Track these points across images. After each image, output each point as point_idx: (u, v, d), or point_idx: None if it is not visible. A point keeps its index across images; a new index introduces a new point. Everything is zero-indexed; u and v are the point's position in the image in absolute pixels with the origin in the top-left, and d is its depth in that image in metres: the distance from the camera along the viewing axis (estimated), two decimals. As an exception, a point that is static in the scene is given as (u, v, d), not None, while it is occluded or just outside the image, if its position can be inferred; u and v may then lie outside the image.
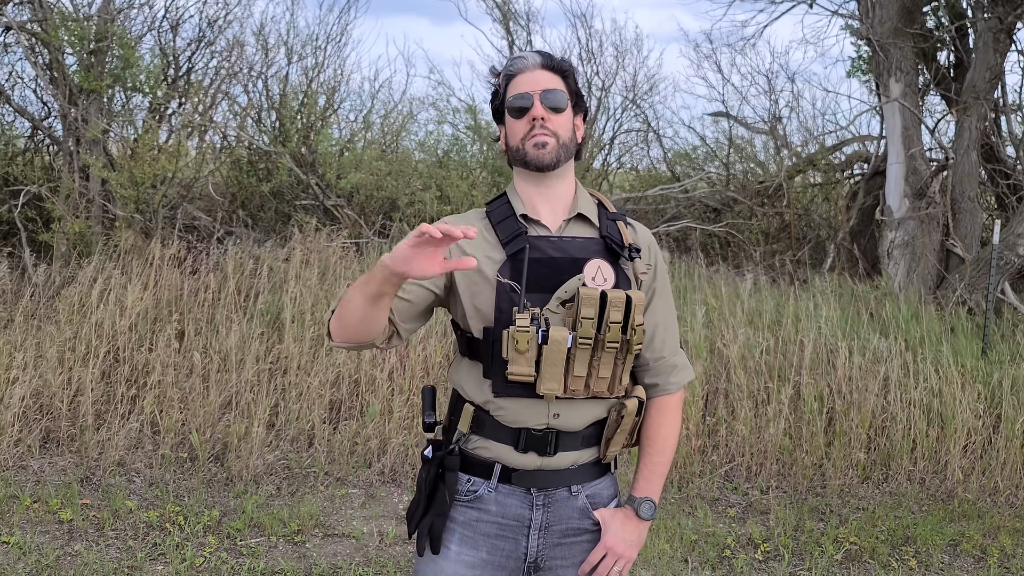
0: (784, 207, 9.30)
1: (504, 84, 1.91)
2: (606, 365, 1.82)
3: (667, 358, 1.94)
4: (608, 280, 1.84)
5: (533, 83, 1.87)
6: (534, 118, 1.85)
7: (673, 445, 1.97)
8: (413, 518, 1.94)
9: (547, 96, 1.85)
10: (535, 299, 1.82)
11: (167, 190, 6.73)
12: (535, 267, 1.83)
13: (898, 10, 8.33)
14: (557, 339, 1.76)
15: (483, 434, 1.88)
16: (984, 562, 4.17)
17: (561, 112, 1.87)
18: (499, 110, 1.94)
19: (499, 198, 1.96)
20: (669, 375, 1.94)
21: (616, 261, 1.87)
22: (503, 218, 1.89)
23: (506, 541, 1.90)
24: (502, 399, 1.85)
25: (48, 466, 4.47)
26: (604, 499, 1.95)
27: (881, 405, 5.22)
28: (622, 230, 1.91)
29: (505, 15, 9.43)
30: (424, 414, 1.97)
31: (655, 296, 1.94)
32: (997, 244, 6.46)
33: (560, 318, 1.82)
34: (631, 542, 1.92)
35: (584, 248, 1.86)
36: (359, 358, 5.15)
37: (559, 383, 1.79)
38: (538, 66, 1.89)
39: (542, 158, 1.85)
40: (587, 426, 1.89)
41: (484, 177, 8.63)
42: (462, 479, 1.90)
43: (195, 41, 7.86)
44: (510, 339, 1.77)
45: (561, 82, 1.89)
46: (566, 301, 1.82)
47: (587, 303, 1.77)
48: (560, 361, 1.77)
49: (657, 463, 1.95)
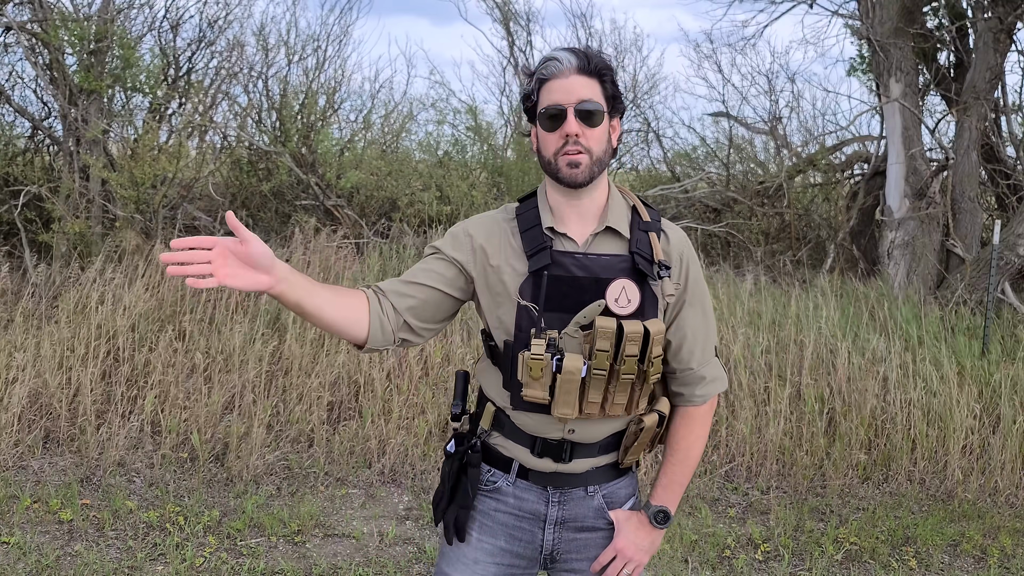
0: (784, 207, 9.30)
1: (536, 88, 1.80)
2: (622, 392, 1.79)
3: (695, 369, 1.88)
4: (632, 302, 1.77)
5: (567, 92, 1.75)
6: (567, 134, 1.75)
7: (696, 456, 1.93)
8: (438, 507, 1.96)
9: (582, 108, 1.75)
10: (554, 319, 1.77)
11: (167, 190, 6.73)
12: (556, 286, 1.78)
13: (898, 10, 8.33)
14: (571, 369, 1.72)
15: (503, 433, 1.90)
16: (984, 562, 4.17)
17: (597, 124, 1.77)
18: (530, 111, 1.83)
19: (530, 198, 1.89)
20: (695, 387, 1.88)
21: (643, 280, 1.79)
22: (529, 227, 1.83)
23: (523, 532, 1.92)
24: (519, 412, 1.85)
25: (48, 466, 4.47)
26: (621, 499, 1.95)
27: (881, 406, 5.22)
28: (653, 243, 1.81)
29: (505, 15, 9.44)
30: (452, 404, 1.96)
31: (685, 307, 1.86)
32: (997, 244, 6.46)
33: (577, 344, 1.78)
34: (642, 547, 1.92)
35: (609, 267, 1.79)
36: (358, 359, 5.16)
37: (573, 408, 1.77)
38: (573, 70, 1.77)
39: (575, 177, 1.77)
40: (604, 438, 1.88)
41: (484, 177, 8.64)
42: (483, 469, 1.92)
43: (195, 41, 7.87)
44: (524, 365, 1.75)
45: (598, 88, 1.78)
46: (585, 327, 1.78)
47: (603, 336, 1.72)
48: (574, 390, 1.75)
49: (677, 472, 1.93)
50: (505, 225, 1.87)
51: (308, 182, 7.75)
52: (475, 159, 9.05)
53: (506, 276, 1.82)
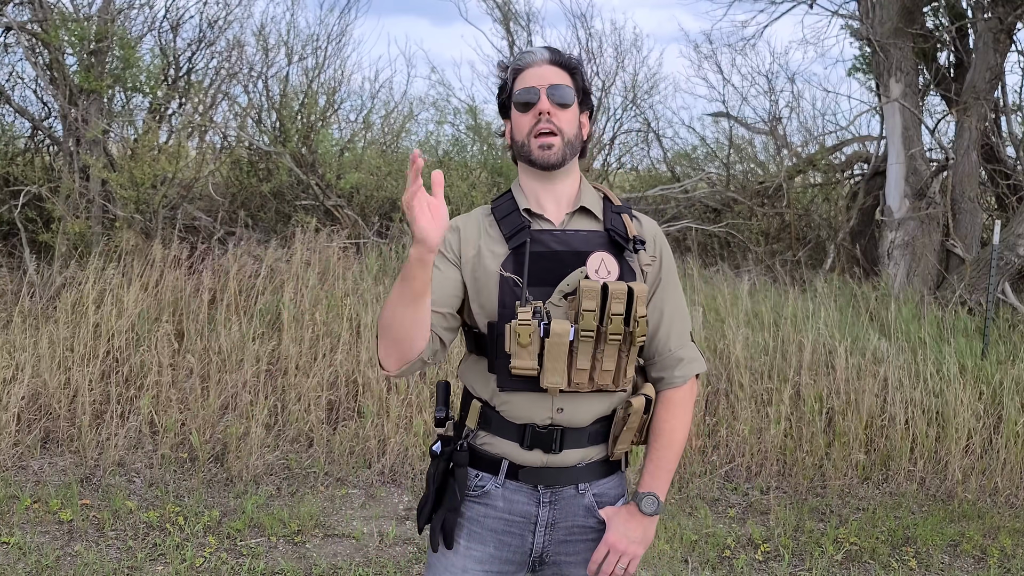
0: (784, 207, 9.30)
1: (511, 78, 1.91)
2: (610, 357, 1.81)
3: (673, 351, 1.92)
4: (612, 272, 1.84)
5: (540, 78, 1.86)
6: (540, 112, 1.84)
7: (680, 440, 1.94)
8: (422, 513, 1.94)
9: (554, 91, 1.85)
10: (537, 293, 1.82)
11: (167, 190, 6.73)
12: (537, 260, 1.84)
13: (898, 10, 8.33)
14: (559, 332, 1.76)
15: (490, 430, 1.89)
16: (984, 562, 4.17)
17: (567, 108, 1.87)
18: (505, 104, 1.93)
19: (504, 195, 1.96)
20: (674, 368, 1.92)
21: (620, 254, 1.86)
22: (507, 213, 1.90)
23: (512, 537, 1.91)
24: (507, 394, 1.86)
25: (48, 466, 4.47)
26: (611, 498, 1.95)
27: (881, 406, 5.22)
28: (627, 223, 1.90)
29: (505, 15, 9.44)
30: (436, 409, 1.97)
31: (660, 287, 1.93)
32: (997, 244, 6.46)
33: (563, 311, 1.82)
34: (634, 539, 1.91)
35: (587, 241, 1.86)
36: (357, 359, 5.15)
37: (562, 376, 1.79)
38: (546, 61, 1.88)
39: (548, 158, 1.85)
40: (592, 422, 1.88)
41: (484, 177, 8.63)
42: (470, 474, 1.91)
43: (195, 41, 7.87)
44: (512, 333, 1.77)
45: (568, 78, 1.89)
46: (568, 294, 1.82)
47: (588, 295, 1.77)
48: (562, 354, 1.77)
49: (662, 458, 1.93)
50: (484, 219, 1.94)
51: (308, 182, 7.75)
52: (475, 159, 9.04)
53: (487, 261, 1.87)
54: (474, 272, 1.88)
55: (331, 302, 5.59)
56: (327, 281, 5.99)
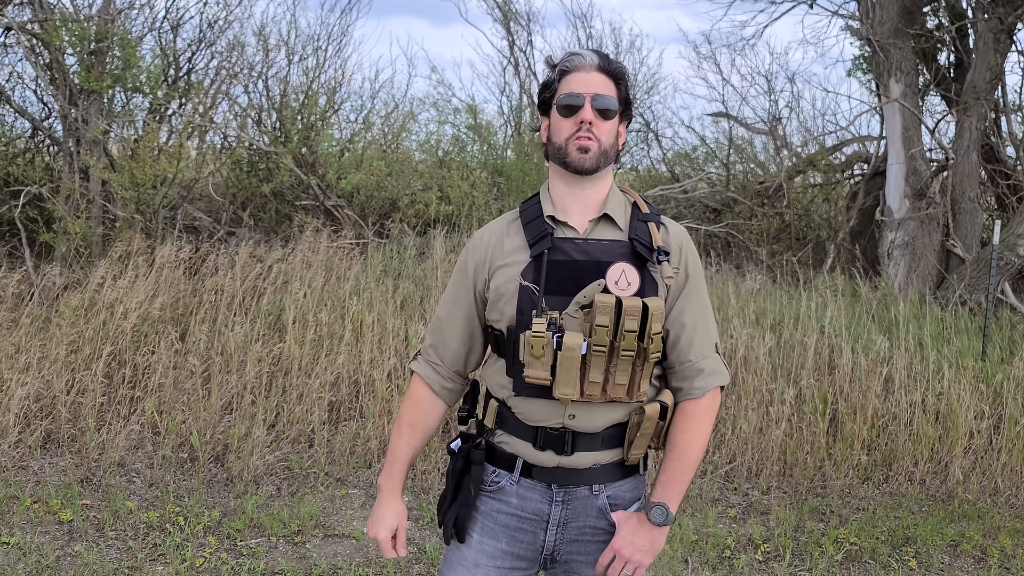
0: (784, 207, 9.30)
1: (557, 78, 1.90)
2: (623, 372, 1.81)
3: (694, 362, 1.89)
4: (632, 284, 1.82)
5: (586, 84, 1.86)
6: (582, 121, 1.84)
7: (697, 452, 1.92)
8: (441, 507, 1.99)
9: (598, 100, 1.85)
10: (555, 302, 1.82)
11: (168, 191, 6.73)
12: (556, 269, 1.84)
13: (898, 10, 8.33)
14: (571, 345, 1.76)
15: (506, 429, 1.92)
16: (984, 563, 4.17)
17: (610, 119, 1.87)
18: (546, 102, 1.93)
19: (532, 198, 1.97)
20: (694, 379, 1.89)
21: (643, 265, 1.85)
22: (532, 219, 1.91)
23: (524, 533, 1.93)
24: (521, 398, 1.87)
25: (48, 466, 4.47)
26: (626, 501, 1.94)
27: (883, 406, 5.22)
28: (652, 232, 1.88)
29: (505, 15, 9.44)
30: (460, 408, 2.01)
31: (683, 298, 1.90)
32: (997, 244, 6.46)
33: (578, 323, 1.82)
34: (640, 547, 1.89)
35: (608, 251, 1.85)
36: (359, 359, 5.16)
37: (574, 388, 1.79)
38: (594, 67, 1.88)
39: (583, 162, 1.86)
40: (605, 428, 1.88)
41: (484, 177, 8.63)
42: (487, 470, 1.94)
43: (195, 42, 7.87)
44: (526, 343, 1.78)
45: (614, 88, 1.89)
46: (585, 306, 1.82)
47: (602, 311, 1.77)
48: (574, 367, 1.77)
49: (676, 469, 1.91)
50: (511, 224, 1.95)
51: (309, 183, 7.75)
52: (475, 159, 9.04)
53: (510, 268, 1.88)
54: (502, 277, 1.89)
55: (334, 302, 5.59)
56: (329, 280, 5.99)
